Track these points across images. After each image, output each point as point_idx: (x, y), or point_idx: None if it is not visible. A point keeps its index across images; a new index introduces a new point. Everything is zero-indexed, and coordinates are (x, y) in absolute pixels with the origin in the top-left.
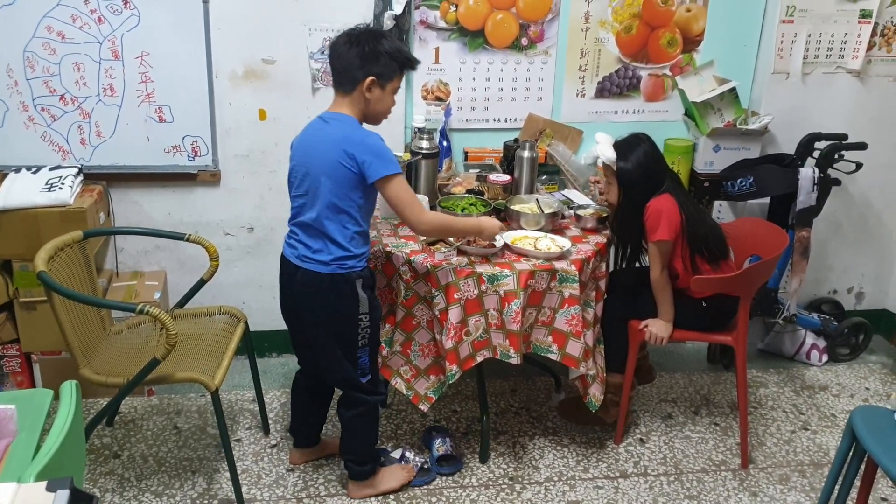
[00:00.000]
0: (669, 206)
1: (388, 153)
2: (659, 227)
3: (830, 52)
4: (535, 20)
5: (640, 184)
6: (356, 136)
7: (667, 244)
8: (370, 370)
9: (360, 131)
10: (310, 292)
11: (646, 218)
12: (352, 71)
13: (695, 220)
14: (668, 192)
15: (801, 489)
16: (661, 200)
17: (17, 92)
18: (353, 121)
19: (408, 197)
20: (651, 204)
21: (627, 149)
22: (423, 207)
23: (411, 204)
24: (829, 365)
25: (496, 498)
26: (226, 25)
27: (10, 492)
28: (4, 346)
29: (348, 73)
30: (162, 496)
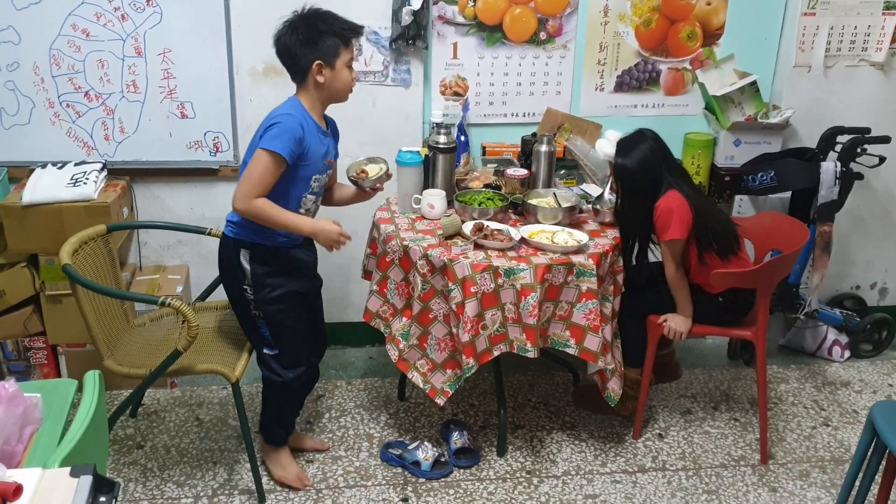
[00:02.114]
0: (679, 203)
1: (284, 134)
2: (670, 227)
3: (853, 44)
4: (554, 14)
5: (638, 180)
6: (274, 111)
7: (679, 243)
8: (276, 345)
9: (281, 108)
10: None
11: (656, 218)
12: (297, 61)
13: (704, 213)
14: (674, 187)
15: (821, 485)
16: (670, 199)
17: (43, 89)
18: (294, 102)
19: (255, 176)
20: (660, 204)
21: (629, 145)
22: (258, 194)
23: (248, 182)
24: (851, 361)
25: (513, 491)
26: (246, 22)
27: (35, 477)
28: (31, 339)
29: (295, 65)
30: (184, 486)
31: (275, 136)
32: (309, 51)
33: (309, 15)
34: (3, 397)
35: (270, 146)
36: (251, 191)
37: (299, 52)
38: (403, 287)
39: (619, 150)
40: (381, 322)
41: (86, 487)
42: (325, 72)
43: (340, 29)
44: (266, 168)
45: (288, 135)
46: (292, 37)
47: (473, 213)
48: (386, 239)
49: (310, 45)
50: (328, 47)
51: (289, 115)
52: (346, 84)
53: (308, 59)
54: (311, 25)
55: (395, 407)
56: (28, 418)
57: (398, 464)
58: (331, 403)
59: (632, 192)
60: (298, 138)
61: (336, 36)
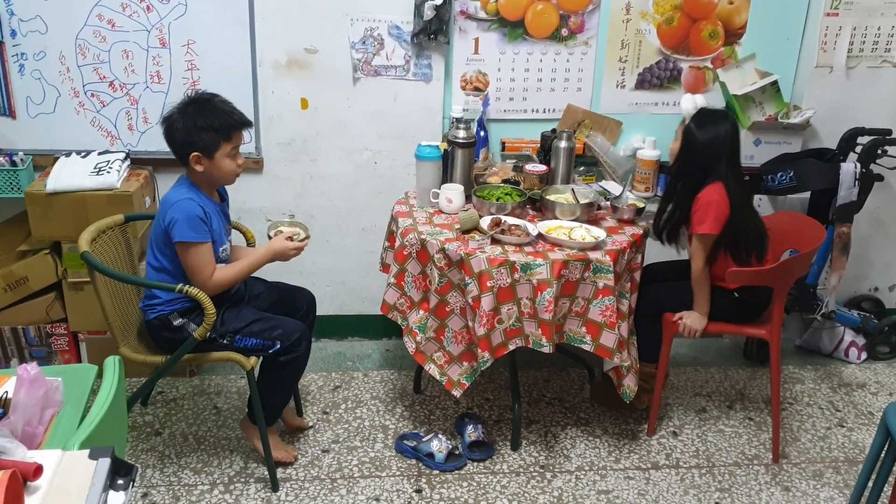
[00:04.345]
0: (720, 198)
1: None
2: (706, 220)
3: (876, 45)
4: (576, 11)
5: (699, 155)
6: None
7: (711, 238)
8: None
9: (177, 193)
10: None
11: (695, 209)
12: (177, 149)
13: (740, 214)
14: (722, 180)
15: (834, 485)
16: (713, 191)
17: (69, 78)
18: (186, 184)
19: (197, 265)
20: (703, 195)
21: (708, 119)
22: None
23: (197, 273)
24: (867, 363)
25: (527, 485)
26: (270, 15)
27: (55, 458)
28: (53, 325)
29: (176, 152)
30: (200, 473)
31: (184, 226)
32: (186, 143)
33: (198, 103)
34: (25, 379)
35: (187, 238)
36: (204, 277)
37: (178, 141)
38: (421, 280)
39: (698, 118)
40: (399, 314)
41: (104, 470)
42: (204, 161)
43: (221, 125)
44: (197, 254)
45: (195, 220)
46: (175, 124)
47: (491, 208)
48: (404, 232)
49: (188, 138)
50: (207, 141)
51: (187, 199)
52: (226, 173)
53: (185, 149)
54: (194, 117)
55: (410, 399)
56: (49, 401)
57: (412, 455)
58: (347, 394)
59: (688, 160)
60: (202, 219)
61: (214, 131)
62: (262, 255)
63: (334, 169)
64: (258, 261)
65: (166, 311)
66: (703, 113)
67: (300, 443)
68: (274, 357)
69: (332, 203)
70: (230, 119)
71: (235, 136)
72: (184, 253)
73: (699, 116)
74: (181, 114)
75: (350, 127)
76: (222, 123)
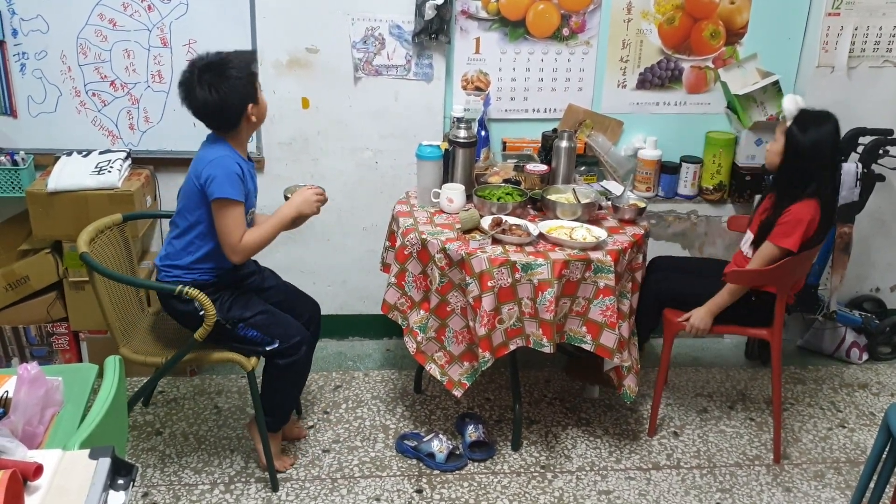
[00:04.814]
0: (812, 218)
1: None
2: (792, 237)
3: (878, 45)
4: (577, 10)
5: (804, 160)
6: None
7: (787, 254)
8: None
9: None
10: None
11: (784, 219)
12: (230, 113)
13: (821, 236)
14: (820, 197)
15: (835, 486)
16: (808, 208)
17: (70, 78)
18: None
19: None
20: (798, 209)
21: (812, 120)
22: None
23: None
24: (869, 363)
25: (527, 485)
26: (271, 14)
27: (55, 458)
28: (54, 324)
29: (229, 116)
30: (201, 473)
31: (224, 183)
32: (238, 98)
33: (213, 66)
34: (25, 379)
35: (226, 194)
36: (234, 239)
37: (229, 103)
38: (421, 280)
39: (800, 119)
40: (399, 314)
41: (104, 470)
42: (254, 109)
43: (246, 63)
44: (232, 214)
45: (234, 178)
46: (212, 93)
47: (492, 207)
48: (405, 232)
49: (235, 93)
50: (248, 87)
51: (226, 156)
52: (265, 109)
53: (241, 105)
54: (223, 75)
55: (411, 399)
56: (49, 400)
57: (413, 455)
58: (348, 394)
59: (791, 164)
60: (240, 177)
61: (249, 75)
62: (286, 207)
63: (335, 168)
64: (284, 216)
65: (179, 279)
66: (806, 114)
67: (300, 443)
68: (273, 359)
69: (332, 202)
70: (246, 56)
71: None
72: (219, 211)
73: (801, 118)
74: (209, 83)
75: (351, 126)
76: (246, 63)
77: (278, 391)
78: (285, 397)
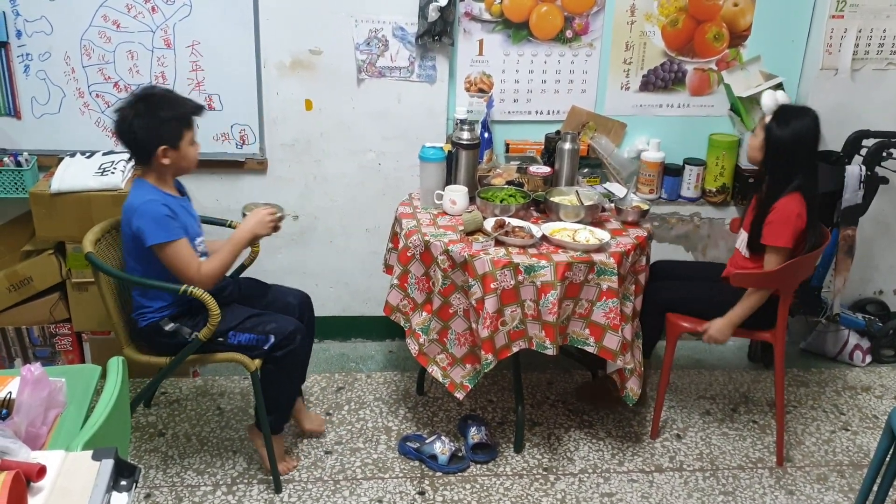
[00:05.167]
0: (800, 212)
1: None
2: (783, 235)
3: (882, 47)
4: (580, 13)
5: (783, 155)
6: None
7: (785, 251)
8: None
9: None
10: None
11: (770, 219)
12: (142, 147)
13: (811, 231)
14: (802, 190)
15: (839, 489)
16: (794, 203)
17: (74, 79)
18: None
19: (181, 263)
20: (783, 206)
21: (791, 114)
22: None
23: (184, 271)
24: (872, 366)
25: (530, 487)
26: (274, 16)
27: (58, 459)
28: (57, 325)
29: (140, 150)
30: (203, 474)
31: (154, 229)
32: (153, 137)
33: (149, 98)
34: (29, 380)
35: (160, 239)
36: (191, 273)
37: (144, 138)
38: (424, 282)
39: (780, 115)
40: (402, 316)
41: (107, 471)
42: (171, 154)
43: (182, 112)
44: (176, 252)
45: (163, 219)
46: (135, 122)
47: (495, 209)
48: (408, 234)
49: (153, 132)
50: (172, 132)
51: (149, 201)
52: (191, 160)
53: (153, 145)
54: (153, 112)
55: (413, 401)
56: (52, 401)
57: (415, 457)
58: (350, 396)
59: (769, 160)
60: (169, 216)
61: (178, 120)
62: (240, 231)
63: (338, 170)
64: (239, 239)
65: (157, 318)
66: (785, 109)
67: (303, 444)
68: (271, 355)
69: (335, 204)
70: (188, 105)
71: (193, 123)
72: (162, 255)
73: (781, 113)
74: (136, 112)
75: (354, 128)
76: (183, 111)
77: (277, 385)
78: (283, 391)
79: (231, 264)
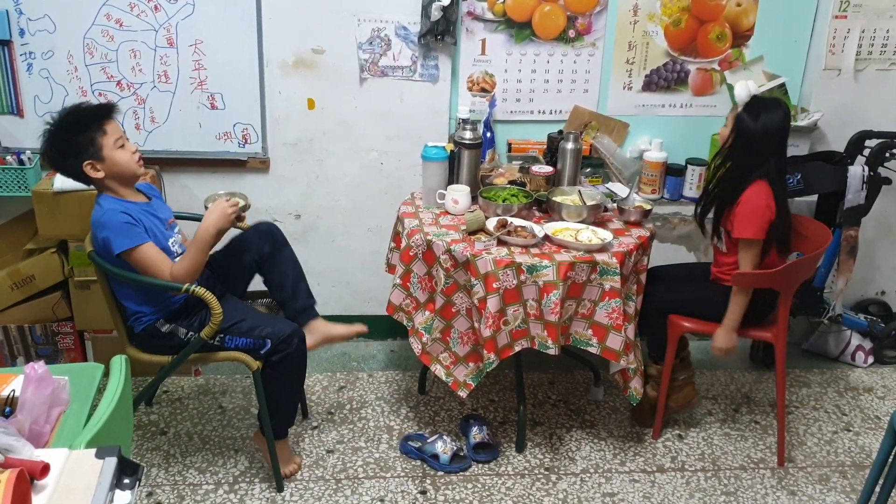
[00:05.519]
0: (766, 202)
1: (120, 229)
2: (751, 226)
3: (885, 48)
4: (583, 12)
5: (750, 143)
6: (93, 218)
7: (758, 244)
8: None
9: (96, 212)
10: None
11: (736, 211)
12: (68, 170)
13: (783, 216)
14: (767, 178)
15: (841, 490)
16: (759, 194)
17: (77, 77)
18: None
19: (150, 266)
20: (748, 197)
21: (760, 106)
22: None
23: (157, 272)
24: (874, 367)
25: (532, 487)
26: (277, 15)
27: (62, 457)
28: (59, 324)
29: (70, 172)
30: (205, 472)
31: (117, 237)
32: (70, 158)
33: (54, 125)
34: (32, 378)
35: (125, 246)
36: (165, 275)
37: (63, 164)
38: (427, 281)
39: (751, 106)
40: (404, 315)
41: (110, 469)
42: (99, 166)
43: (87, 120)
44: (144, 257)
45: (124, 227)
46: (51, 151)
47: (497, 209)
48: (410, 233)
49: (68, 153)
50: (86, 144)
51: (108, 211)
52: (126, 163)
53: (77, 163)
54: (60, 135)
55: (415, 400)
56: (56, 399)
57: (417, 456)
58: (352, 395)
59: (737, 149)
60: (130, 223)
61: (86, 130)
62: (202, 228)
63: (340, 169)
64: (202, 236)
65: (152, 321)
66: (756, 101)
67: (304, 443)
68: (268, 359)
69: (337, 203)
70: (91, 111)
71: (109, 127)
72: (132, 261)
73: (752, 104)
74: (51, 142)
75: (356, 127)
76: (87, 119)
77: (277, 389)
78: (283, 394)
79: (202, 262)
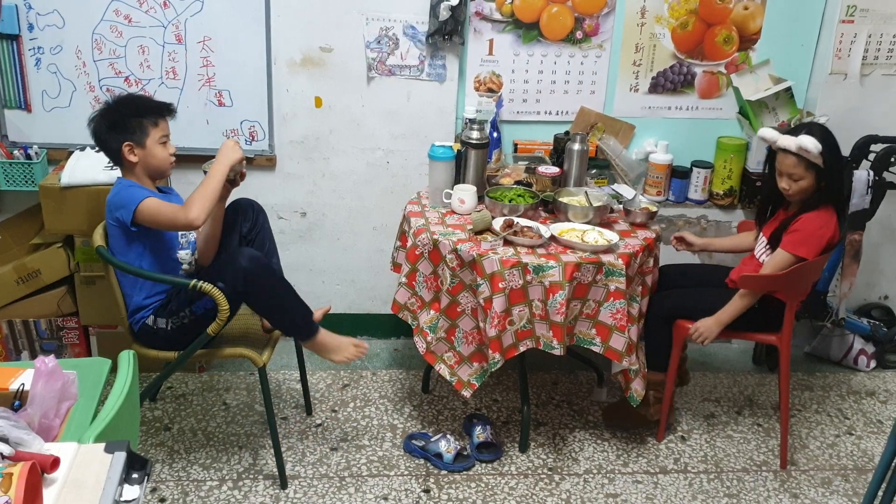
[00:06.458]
0: (831, 231)
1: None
2: (808, 246)
3: (891, 52)
4: (591, 14)
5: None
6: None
7: (799, 261)
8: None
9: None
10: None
11: (797, 227)
12: (106, 144)
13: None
14: (834, 206)
15: (843, 493)
16: (826, 218)
17: (85, 73)
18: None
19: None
20: (814, 216)
21: (827, 136)
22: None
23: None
24: (877, 371)
25: (535, 487)
26: (286, 13)
27: (71, 451)
28: (65, 318)
29: (106, 148)
30: (209, 469)
31: (126, 201)
32: (115, 133)
33: (115, 100)
34: (43, 372)
35: (135, 204)
36: (181, 218)
37: (106, 136)
38: (432, 280)
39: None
40: (409, 314)
41: (119, 463)
42: (137, 151)
43: (146, 110)
44: (155, 209)
45: (129, 190)
46: (101, 122)
47: (504, 209)
48: (416, 232)
49: (115, 129)
50: (135, 129)
51: (123, 188)
52: (161, 160)
53: (116, 141)
54: (116, 110)
55: (419, 399)
56: (65, 394)
57: (421, 455)
58: (356, 393)
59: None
60: (133, 186)
61: (141, 116)
62: (216, 172)
63: (347, 167)
64: (214, 170)
65: (145, 317)
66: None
67: (308, 441)
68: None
69: (343, 201)
70: (152, 103)
71: (162, 123)
72: (146, 218)
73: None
74: (103, 114)
75: (363, 126)
76: (147, 108)
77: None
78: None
79: (212, 192)
